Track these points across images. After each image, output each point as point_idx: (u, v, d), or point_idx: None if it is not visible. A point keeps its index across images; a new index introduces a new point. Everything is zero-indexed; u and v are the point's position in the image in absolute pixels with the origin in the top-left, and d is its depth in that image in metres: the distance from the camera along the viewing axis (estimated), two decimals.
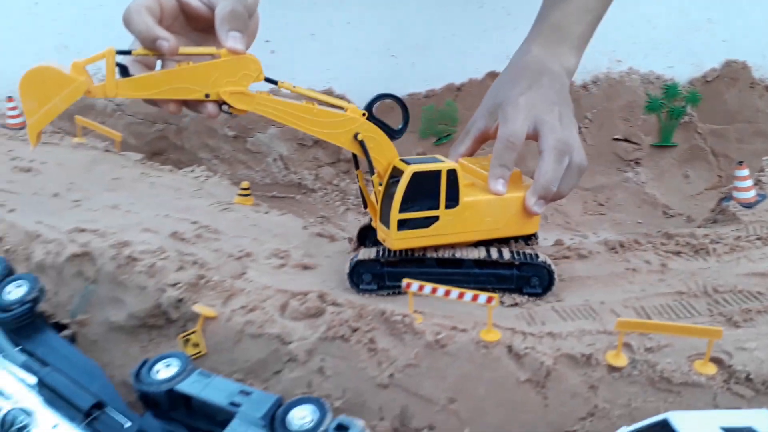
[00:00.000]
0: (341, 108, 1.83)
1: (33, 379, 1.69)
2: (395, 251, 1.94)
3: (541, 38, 2.27)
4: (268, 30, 3.31)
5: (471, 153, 2.15)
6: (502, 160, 1.91)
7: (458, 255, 1.93)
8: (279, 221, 2.51)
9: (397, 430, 1.70)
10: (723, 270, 2.01)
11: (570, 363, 1.67)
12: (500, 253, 1.94)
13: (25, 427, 1.61)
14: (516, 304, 1.95)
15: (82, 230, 2.19)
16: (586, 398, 1.64)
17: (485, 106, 2.17)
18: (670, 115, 3.22)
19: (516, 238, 2.03)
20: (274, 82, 1.79)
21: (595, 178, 3.17)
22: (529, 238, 2.05)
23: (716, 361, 1.64)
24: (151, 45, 1.68)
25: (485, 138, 2.14)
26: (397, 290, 2.01)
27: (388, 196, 1.87)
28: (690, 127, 3.23)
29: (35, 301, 1.87)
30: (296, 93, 1.81)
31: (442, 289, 1.75)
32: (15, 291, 1.87)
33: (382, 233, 1.93)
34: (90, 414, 1.58)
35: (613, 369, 1.65)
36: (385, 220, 1.89)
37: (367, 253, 1.99)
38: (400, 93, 3.25)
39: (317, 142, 3.46)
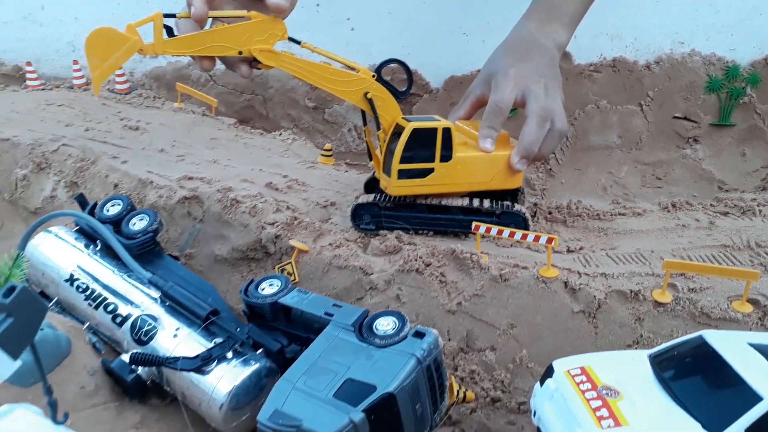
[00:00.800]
0: (354, 69, 2.06)
1: (157, 294, 2.00)
2: (392, 197, 2.21)
3: (535, 15, 2.50)
4: (350, 8, 3.61)
5: (468, 117, 2.41)
6: (490, 122, 2.17)
7: (445, 202, 2.19)
8: (357, 179, 2.78)
9: (462, 349, 1.95)
10: (767, 228, 2.18)
11: (619, 298, 1.88)
12: (482, 202, 2.19)
13: (152, 329, 1.93)
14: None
15: (190, 178, 2.51)
16: (632, 328, 1.85)
17: (482, 75, 2.40)
18: (730, 96, 3.34)
19: (505, 194, 2.26)
20: (297, 42, 2.01)
21: (654, 154, 3.32)
22: (516, 195, 2.28)
23: (753, 301, 1.83)
24: (188, 9, 1.90)
25: (481, 103, 2.35)
26: (392, 229, 2.24)
27: (390, 149, 2.11)
28: (749, 107, 3.34)
29: (156, 231, 2.19)
30: (316, 53, 2.03)
31: (507, 230, 1.99)
32: (138, 223, 2.19)
33: (384, 182, 2.17)
34: (207, 319, 1.88)
35: (658, 304, 1.85)
36: (387, 170, 2.13)
37: (365, 198, 2.25)
38: (471, 69, 3.48)
39: None
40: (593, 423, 1.38)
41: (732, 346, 1.49)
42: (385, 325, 1.73)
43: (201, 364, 1.78)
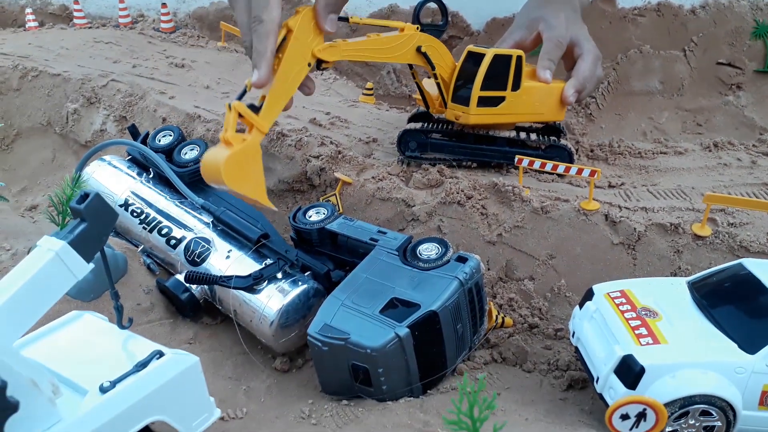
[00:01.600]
0: (396, 29, 2.04)
1: (209, 218, 2.09)
2: (440, 125, 2.24)
3: None
4: None
5: None
6: (551, 55, 2.24)
7: (492, 133, 2.22)
8: (398, 117, 2.82)
9: (501, 278, 2.01)
10: None
11: (659, 231, 1.91)
12: (528, 135, 2.23)
13: (205, 251, 2.02)
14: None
15: None
16: (671, 260, 1.89)
17: (520, 22, 2.44)
18: None
19: (548, 130, 2.30)
20: (346, 19, 1.95)
21: (696, 100, 3.29)
22: (559, 130, 2.31)
23: None
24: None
25: (521, 48, 2.35)
26: (437, 160, 2.27)
27: (464, 78, 2.13)
28: None
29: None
30: (363, 23, 2.01)
31: (549, 164, 2.02)
32: (190, 152, 2.26)
33: (456, 111, 2.16)
34: (258, 242, 1.96)
35: (697, 237, 1.88)
36: (461, 99, 2.14)
37: (413, 125, 2.28)
38: (513, 11, 3.45)
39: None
40: (632, 340, 1.44)
41: None
42: (428, 250, 1.79)
43: (253, 282, 1.86)
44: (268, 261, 1.93)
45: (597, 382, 1.47)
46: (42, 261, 1.26)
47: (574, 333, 1.63)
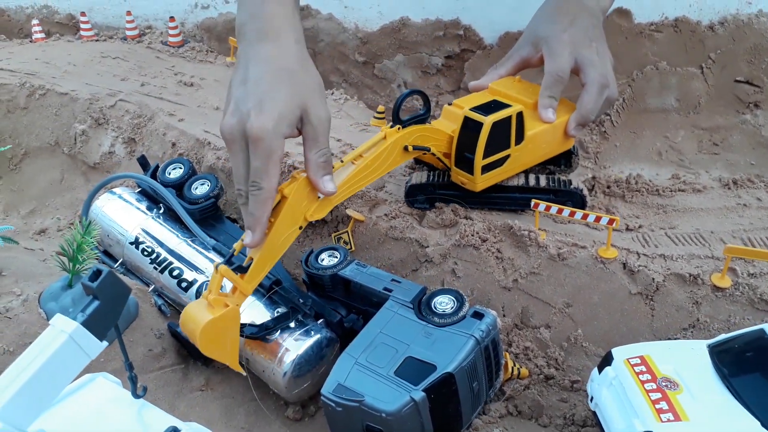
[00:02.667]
0: (379, 140, 1.94)
1: (220, 260, 2.06)
2: (446, 177, 2.15)
3: None
4: None
5: (509, 76, 2.32)
6: (551, 92, 2.11)
7: (504, 183, 2.14)
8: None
9: (516, 325, 1.99)
10: None
11: (678, 281, 1.88)
12: (538, 180, 2.15)
13: None
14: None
15: None
16: (689, 312, 1.86)
17: (528, 37, 2.32)
18: None
19: (559, 159, 2.22)
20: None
21: (713, 118, 3.24)
22: (570, 157, 2.24)
23: None
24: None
25: (525, 65, 2.29)
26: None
27: (465, 146, 2.03)
28: None
29: (217, 197, 2.23)
30: (345, 163, 1.88)
31: (567, 210, 1.98)
32: (200, 188, 2.23)
33: (462, 177, 2.09)
34: (271, 289, 1.94)
35: (717, 289, 1.85)
36: (464, 166, 2.06)
37: (418, 177, 2.20)
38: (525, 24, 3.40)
39: (440, 71, 3.66)
40: (653, 416, 1.41)
41: None
42: (443, 303, 1.77)
43: (264, 333, 1.84)
44: (281, 309, 1.91)
45: None
46: (56, 344, 1.24)
47: (592, 398, 1.60)
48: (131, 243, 2.16)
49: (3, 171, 3.05)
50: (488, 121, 1.97)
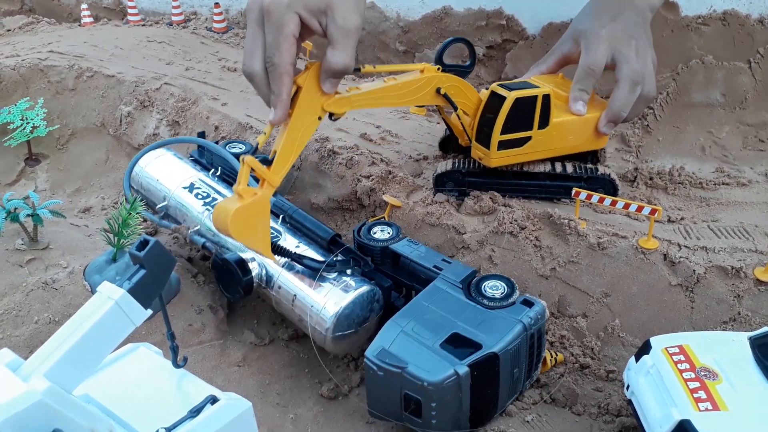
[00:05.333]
0: (417, 70, 1.98)
1: (279, 215, 2.08)
2: (475, 164, 2.16)
3: None
4: None
5: (552, 72, 2.33)
6: (583, 84, 2.11)
7: (530, 168, 2.13)
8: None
9: (553, 314, 1.98)
10: None
11: (720, 273, 1.85)
12: (564, 167, 2.14)
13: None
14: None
15: None
16: (730, 305, 1.83)
17: (570, 33, 2.31)
18: None
19: (586, 155, 2.20)
20: (357, 69, 1.86)
21: (760, 114, 3.16)
22: (597, 155, 2.22)
23: None
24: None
25: (567, 61, 2.29)
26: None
27: (486, 119, 2.05)
28: None
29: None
30: (377, 72, 1.94)
31: (608, 199, 1.97)
32: None
33: (479, 152, 2.10)
34: (332, 242, 1.96)
35: (760, 283, 1.82)
36: (483, 141, 2.07)
37: (445, 165, 2.20)
38: (571, 16, 3.35)
39: (480, 61, 3.64)
40: (690, 404, 1.40)
41: None
42: (494, 288, 1.77)
43: (325, 267, 1.86)
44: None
45: None
46: (102, 310, 1.28)
47: (628, 386, 1.59)
48: (185, 188, 2.23)
49: (51, 151, 3.13)
50: (511, 95, 1.97)
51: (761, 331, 1.58)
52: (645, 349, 1.59)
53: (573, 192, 2.00)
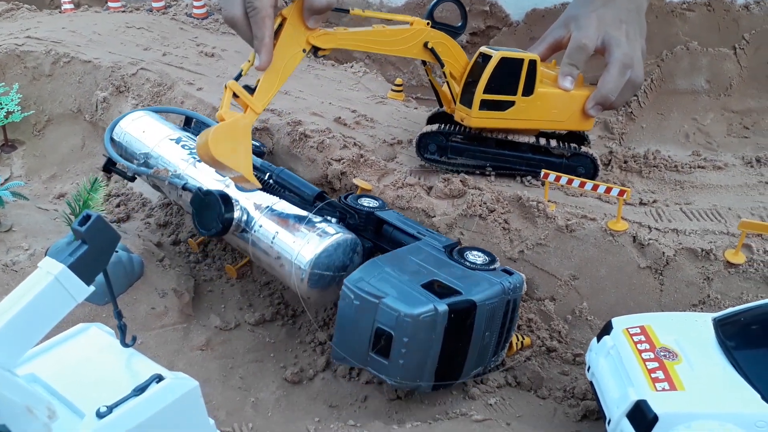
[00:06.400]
0: (406, 23, 1.98)
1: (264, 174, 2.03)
2: (460, 128, 2.15)
3: None
4: None
5: (543, 58, 2.30)
6: (573, 59, 2.09)
7: (514, 138, 2.12)
8: (426, 116, 2.73)
9: (521, 297, 1.94)
10: None
11: (689, 256, 1.82)
12: (549, 142, 2.13)
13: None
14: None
15: None
16: (700, 288, 1.79)
17: (562, 19, 2.30)
18: None
19: (571, 137, 2.20)
20: (345, 11, 1.92)
21: (744, 101, 3.12)
22: (582, 138, 2.21)
23: None
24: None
25: (558, 46, 2.27)
26: (457, 165, 2.20)
27: (472, 80, 2.05)
28: None
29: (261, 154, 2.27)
30: (366, 17, 1.98)
31: (577, 180, 1.93)
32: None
33: (461, 113, 2.10)
34: (318, 198, 1.92)
35: (730, 265, 1.78)
36: (466, 101, 2.06)
37: (431, 126, 2.20)
38: (555, 3, 3.32)
39: (464, 47, 3.60)
40: (647, 384, 1.37)
41: None
42: (476, 255, 1.76)
43: (312, 205, 1.87)
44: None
45: (609, 423, 1.41)
46: (41, 285, 1.24)
47: (589, 367, 1.56)
48: (172, 139, 2.24)
49: (27, 137, 3.10)
50: (498, 55, 1.98)
51: (725, 312, 1.55)
52: (606, 330, 1.56)
53: (542, 174, 1.96)
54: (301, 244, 1.80)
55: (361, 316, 1.57)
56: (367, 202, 2.00)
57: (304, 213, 1.89)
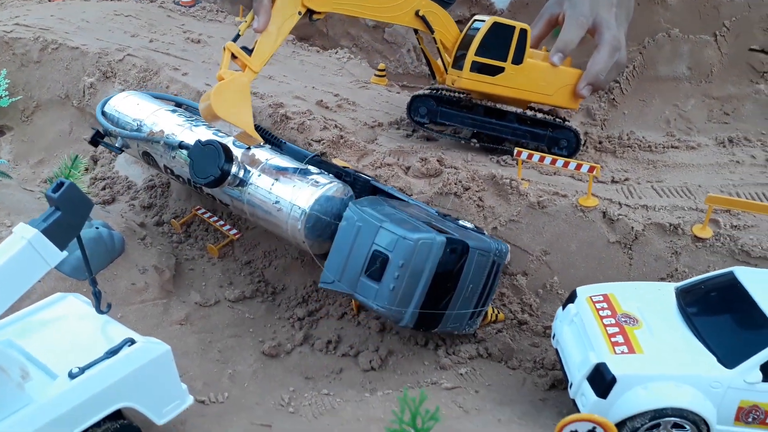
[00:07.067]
0: None
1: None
2: (452, 94, 2.26)
3: None
4: None
5: (542, 36, 2.40)
6: (567, 34, 2.19)
7: (502, 107, 2.23)
8: (408, 100, 2.77)
9: (503, 268, 1.98)
10: None
11: (658, 230, 1.86)
12: (535, 114, 2.24)
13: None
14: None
15: None
16: (668, 262, 1.83)
17: None
18: None
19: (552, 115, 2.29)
20: None
21: (725, 87, 3.16)
22: (563, 120, 2.31)
23: None
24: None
25: (553, 23, 2.35)
26: (445, 129, 2.34)
27: (464, 44, 2.16)
28: None
29: None
30: None
31: (549, 157, 1.97)
32: None
33: (453, 76, 2.20)
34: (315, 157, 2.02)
35: (697, 239, 1.82)
36: (458, 66, 2.17)
37: (422, 91, 2.31)
38: None
39: None
40: (607, 348, 1.40)
41: (762, 283, 1.47)
42: (466, 223, 1.85)
43: (310, 160, 1.98)
44: None
45: (571, 387, 1.45)
46: (14, 248, 1.28)
47: (554, 335, 1.60)
48: (168, 110, 2.32)
49: (15, 122, 3.13)
50: (491, 19, 2.09)
51: (688, 281, 1.59)
52: (571, 298, 1.60)
53: (515, 152, 2.00)
54: (301, 187, 1.88)
55: (360, 238, 1.65)
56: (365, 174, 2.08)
57: (301, 166, 1.97)
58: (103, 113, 2.40)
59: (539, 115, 2.17)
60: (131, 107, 2.38)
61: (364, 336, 1.95)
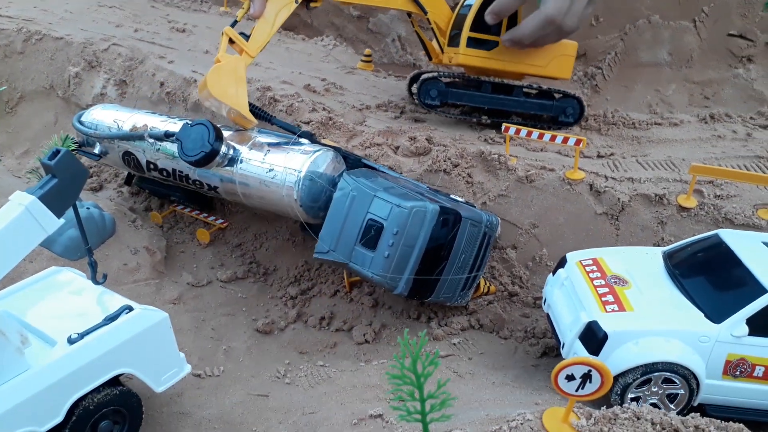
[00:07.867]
0: None
1: None
2: (460, 75, 2.36)
3: None
4: None
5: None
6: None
7: (509, 82, 2.34)
8: (395, 84, 2.80)
9: (495, 241, 2.01)
10: None
11: (644, 201, 1.90)
12: (540, 85, 2.39)
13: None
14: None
15: None
16: (654, 231, 1.87)
17: None
18: None
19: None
20: None
21: (705, 72, 3.22)
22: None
23: None
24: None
25: None
26: (455, 113, 2.44)
27: (458, 24, 2.27)
28: None
29: None
30: None
31: (536, 132, 2.00)
32: None
33: (449, 54, 2.31)
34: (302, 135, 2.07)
35: (682, 209, 1.86)
36: (454, 43, 2.28)
37: (429, 74, 2.39)
38: None
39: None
40: (598, 307, 1.44)
41: (745, 244, 1.51)
42: (458, 197, 1.92)
43: (292, 131, 2.05)
44: None
45: (563, 347, 1.48)
46: (12, 215, 1.29)
47: (545, 300, 1.63)
48: (152, 113, 2.40)
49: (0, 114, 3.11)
50: None
51: (674, 245, 1.63)
52: (561, 263, 1.63)
53: (503, 128, 2.03)
54: (294, 154, 1.94)
55: (354, 207, 1.69)
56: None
57: (293, 139, 2.05)
58: (80, 123, 2.42)
59: (544, 87, 2.32)
60: (111, 113, 2.43)
61: (357, 312, 1.97)
